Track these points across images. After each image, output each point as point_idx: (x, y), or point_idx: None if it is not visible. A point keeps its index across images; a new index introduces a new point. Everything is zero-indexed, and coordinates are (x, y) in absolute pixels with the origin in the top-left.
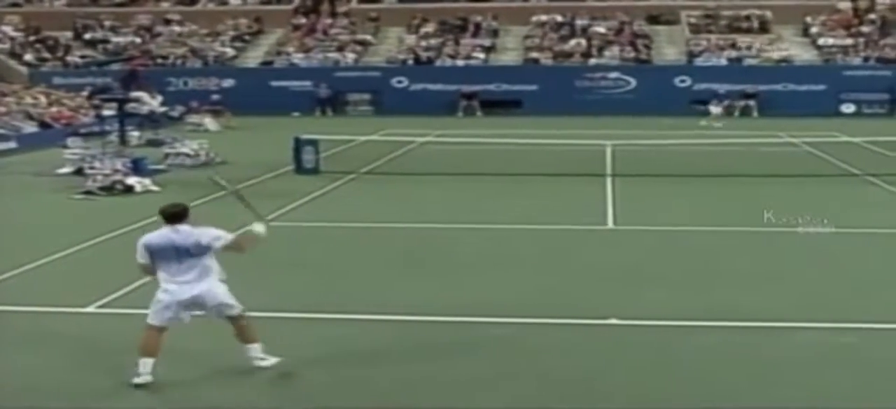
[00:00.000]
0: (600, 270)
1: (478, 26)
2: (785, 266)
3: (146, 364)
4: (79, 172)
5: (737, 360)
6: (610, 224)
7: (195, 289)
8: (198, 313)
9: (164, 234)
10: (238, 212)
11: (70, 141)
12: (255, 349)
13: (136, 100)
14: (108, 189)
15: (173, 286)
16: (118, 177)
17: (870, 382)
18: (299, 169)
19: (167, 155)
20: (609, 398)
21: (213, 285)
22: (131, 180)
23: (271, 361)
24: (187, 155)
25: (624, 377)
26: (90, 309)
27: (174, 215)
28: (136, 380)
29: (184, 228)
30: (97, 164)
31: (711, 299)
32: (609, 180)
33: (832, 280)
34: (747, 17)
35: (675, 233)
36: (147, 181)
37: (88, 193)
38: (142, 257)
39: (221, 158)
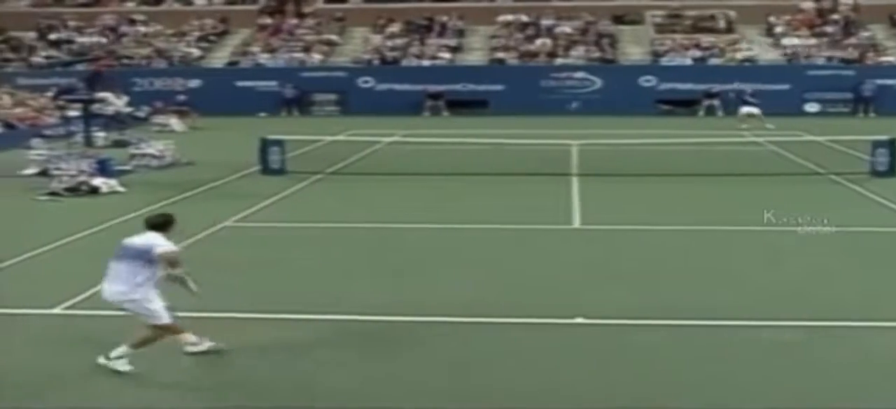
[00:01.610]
0: (566, 269)
1: (443, 26)
2: (735, 264)
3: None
4: (44, 173)
5: (706, 356)
6: (576, 223)
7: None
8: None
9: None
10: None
11: (35, 142)
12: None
13: (102, 100)
14: (74, 190)
15: None
16: (84, 178)
17: (820, 376)
18: (266, 170)
19: (133, 156)
20: (573, 395)
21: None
22: (97, 181)
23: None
24: (153, 156)
25: (587, 375)
26: (57, 310)
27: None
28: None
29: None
30: (62, 165)
31: (677, 298)
32: (575, 180)
33: (789, 278)
34: (711, 17)
35: (640, 232)
36: (113, 182)
37: (53, 194)
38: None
39: (188, 160)
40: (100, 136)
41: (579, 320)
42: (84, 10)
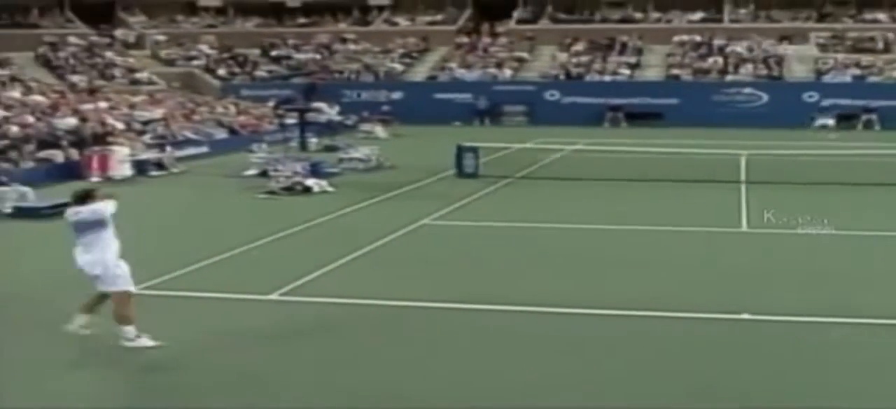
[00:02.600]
0: (734, 268)
1: (624, 45)
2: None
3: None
4: (263, 174)
5: (863, 354)
6: (744, 227)
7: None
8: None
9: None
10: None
11: (255, 146)
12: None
13: (316, 110)
14: (289, 189)
15: None
16: (298, 179)
17: None
18: (460, 173)
19: (342, 160)
20: (737, 385)
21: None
22: (310, 182)
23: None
24: (360, 160)
25: (752, 368)
26: (273, 296)
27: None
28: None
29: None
30: (279, 167)
31: (839, 298)
32: (743, 187)
33: None
34: (871, 39)
35: (804, 237)
36: (324, 183)
37: (271, 193)
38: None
39: (390, 163)
40: (313, 141)
41: (745, 316)
42: (302, 29)
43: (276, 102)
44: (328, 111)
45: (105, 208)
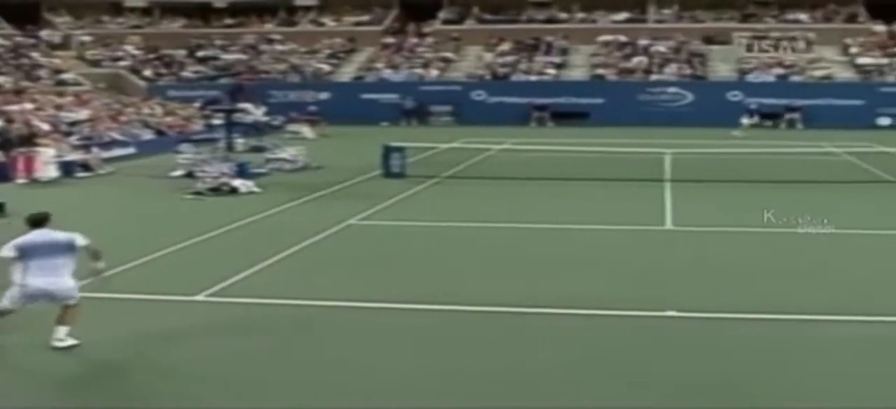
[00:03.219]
0: (659, 266)
1: (549, 45)
2: (823, 264)
3: None
4: (190, 174)
5: (784, 349)
6: (668, 225)
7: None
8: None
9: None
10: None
11: (182, 147)
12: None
13: (242, 110)
14: (216, 190)
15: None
16: (224, 179)
17: None
18: (387, 173)
19: (269, 160)
20: (664, 380)
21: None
22: (236, 183)
23: (69, 342)
24: (286, 160)
25: (678, 363)
26: (200, 297)
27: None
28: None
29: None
30: (206, 167)
31: (762, 294)
32: (668, 185)
33: (870, 277)
34: (793, 38)
35: (727, 233)
36: (250, 184)
37: (198, 193)
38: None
39: (317, 164)
40: (239, 142)
41: (671, 313)
42: (228, 30)
43: (202, 103)
44: (254, 112)
45: (76, 237)
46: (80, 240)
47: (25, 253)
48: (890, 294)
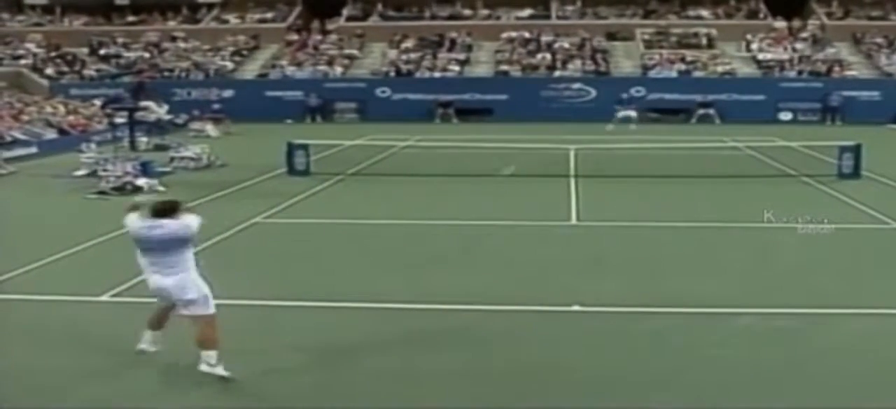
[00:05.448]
0: (565, 261)
1: (453, 42)
2: (725, 257)
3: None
4: (93, 174)
5: (686, 341)
6: (573, 220)
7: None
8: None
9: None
10: (236, 210)
11: (85, 146)
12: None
13: (145, 109)
14: (120, 189)
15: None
16: (128, 178)
17: (801, 361)
18: (292, 171)
19: (172, 158)
20: (570, 375)
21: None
22: (140, 181)
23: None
24: (191, 158)
25: (583, 357)
26: (105, 298)
27: (162, 211)
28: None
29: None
30: (109, 166)
31: (665, 288)
32: (572, 181)
33: (770, 270)
34: (695, 35)
35: (632, 228)
36: (154, 182)
37: (101, 193)
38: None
39: (221, 162)
40: (143, 140)
41: (576, 307)
42: (131, 28)
43: (104, 101)
44: (157, 110)
45: (193, 223)
46: (194, 224)
47: (147, 247)
48: (789, 287)
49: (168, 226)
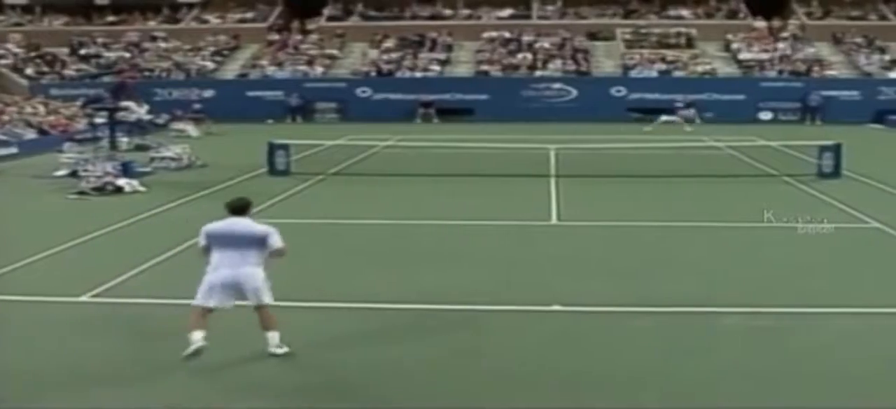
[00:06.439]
0: (545, 261)
1: (434, 42)
2: (706, 257)
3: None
4: (73, 174)
5: (669, 341)
6: (553, 220)
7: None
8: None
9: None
10: (217, 210)
11: (66, 146)
12: (273, 338)
13: (125, 109)
14: (100, 190)
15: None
16: (109, 178)
17: (785, 360)
18: (272, 171)
19: (153, 159)
20: (553, 374)
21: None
22: (121, 182)
23: (283, 349)
24: (171, 158)
25: (563, 357)
26: (85, 298)
27: (237, 208)
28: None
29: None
30: (90, 167)
31: (645, 288)
32: (553, 180)
33: (748, 269)
34: (676, 34)
35: (612, 228)
36: (135, 182)
37: (82, 193)
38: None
39: (202, 162)
40: (123, 141)
41: (556, 307)
42: (111, 27)
43: (84, 101)
44: (138, 110)
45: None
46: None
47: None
48: (771, 286)
49: (255, 229)
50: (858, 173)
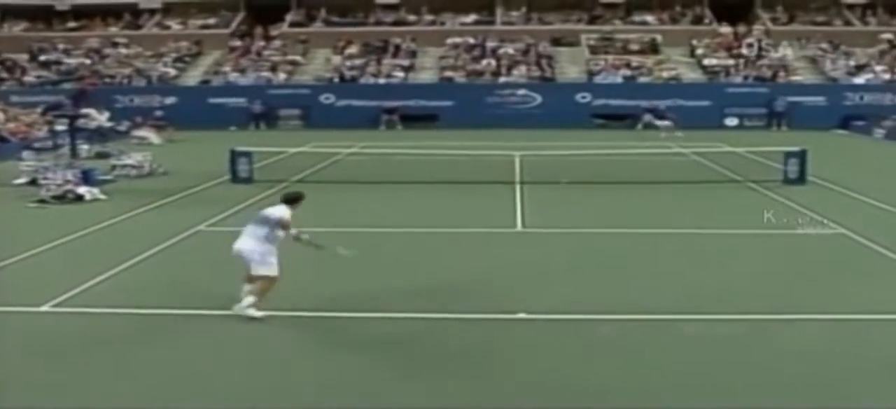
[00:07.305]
0: (510, 268)
1: (398, 48)
2: (671, 263)
3: None
4: (33, 182)
5: (635, 348)
6: (519, 227)
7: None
8: None
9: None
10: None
11: (25, 154)
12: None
13: (86, 116)
14: (61, 198)
15: None
16: (69, 187)
17: (750, 366)
18: (235, 178)
19: (114, 166)
20: (521, 381)
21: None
22: (81, 190)
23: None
24: (133, 166)
25: (532, 364)
26: (45, 308)
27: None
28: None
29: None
30: (50, 175)
31: (610, 295)
32: (518, 187)
33: (714, 276)
34: (640, 40)
35: (577, 234)
36: (96, 191)
37: (42, 201)
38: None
39: (164, 169)
40: (84, 148)
41: (522, 315)
42: (71, 33)
43: (43, 108)
44: (98, 117)
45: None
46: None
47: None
48: (736, 292)
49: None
50: (824, 179)
